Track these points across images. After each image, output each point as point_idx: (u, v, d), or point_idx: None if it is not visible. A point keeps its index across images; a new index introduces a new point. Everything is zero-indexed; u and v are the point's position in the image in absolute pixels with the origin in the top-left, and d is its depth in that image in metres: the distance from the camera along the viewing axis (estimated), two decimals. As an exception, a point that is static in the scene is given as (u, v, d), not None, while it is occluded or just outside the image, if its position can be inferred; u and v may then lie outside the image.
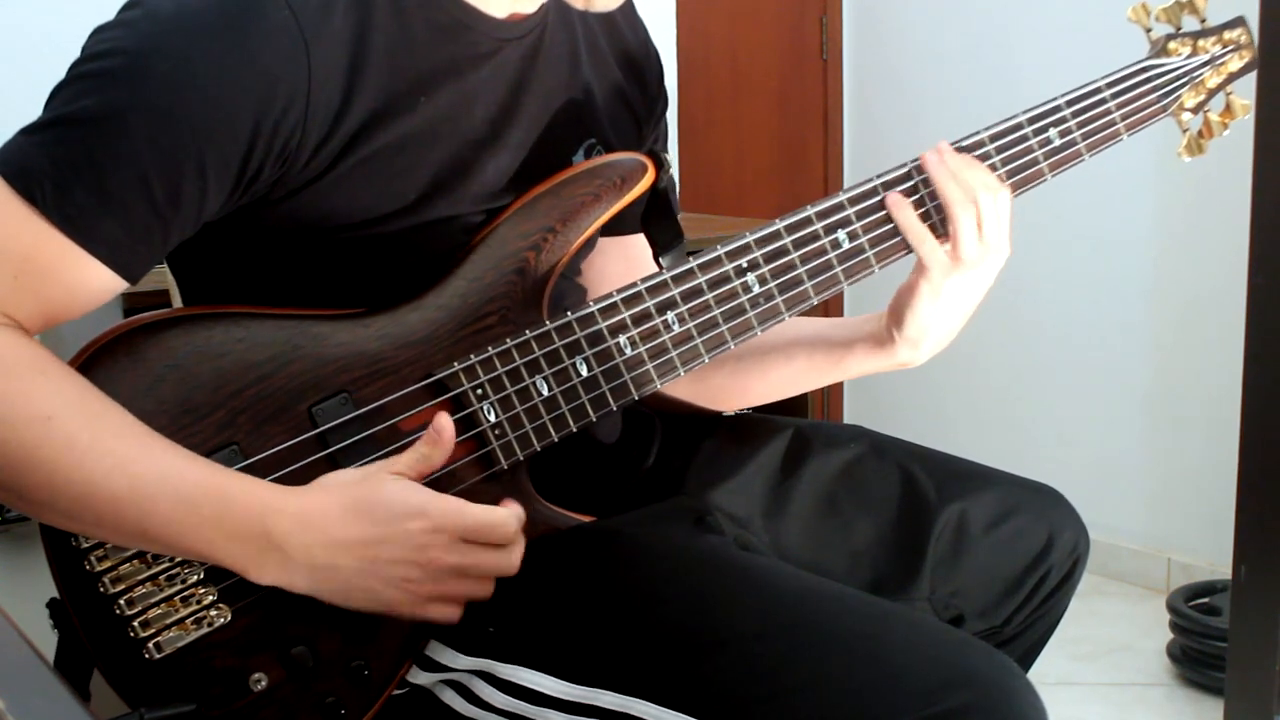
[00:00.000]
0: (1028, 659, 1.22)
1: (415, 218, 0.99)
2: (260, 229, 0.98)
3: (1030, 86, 3.06)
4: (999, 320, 3.30)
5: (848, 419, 3.68)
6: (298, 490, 0.92)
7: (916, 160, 1.11)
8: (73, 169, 0.88)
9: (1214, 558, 2.79)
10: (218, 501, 0.89)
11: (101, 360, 0.92)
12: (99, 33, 0.92)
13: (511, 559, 0.94)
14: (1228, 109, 1.26)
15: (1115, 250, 2.99)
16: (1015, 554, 1.16)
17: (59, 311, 0.92)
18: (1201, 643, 2.41)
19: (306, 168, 0.94)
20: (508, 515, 0.94)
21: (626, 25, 1.18)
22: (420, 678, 0.98)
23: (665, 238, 1.10)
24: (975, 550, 1.16)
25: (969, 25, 3.28)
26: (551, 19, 1.08)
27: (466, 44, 1.01)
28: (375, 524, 0.91)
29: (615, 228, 1.14)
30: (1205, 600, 2.54)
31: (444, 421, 0.96)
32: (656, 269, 1.10)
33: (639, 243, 1.16)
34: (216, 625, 0.93)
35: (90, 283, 0.91)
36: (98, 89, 0.89)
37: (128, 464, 0.87)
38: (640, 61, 1.19)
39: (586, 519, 1.03)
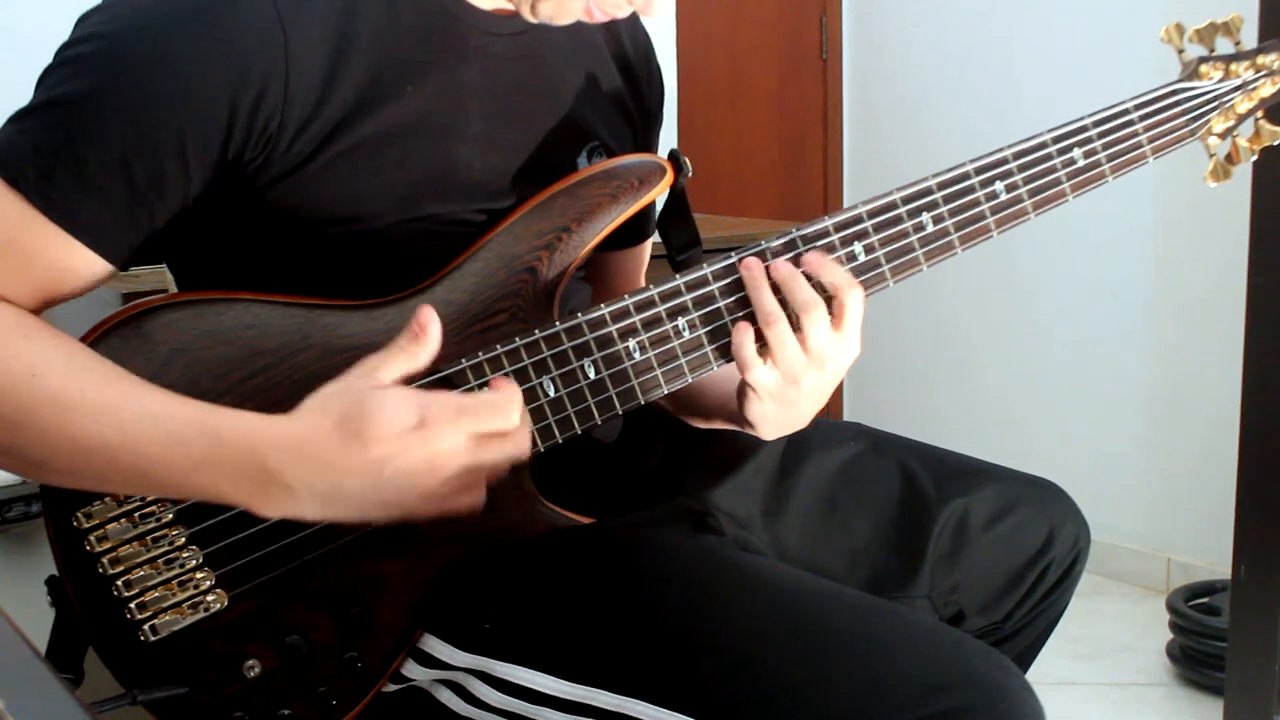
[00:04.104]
0: (1029, 655, 1.22)
1: (404, 213, 0.99)
2: (253, 221, 0.98)
3: (1029, 87, 3.09)
4: (999, 320, 3.30)
5: (847, 417, 3.68)
6: (287, 418, 0.88)
7: (936, 175, 1.08)
8: (54, 153, 0.89)
9: (1214, 558, 2.79)
10: (208, 439, 0.87)
11: (109, 341, 0.92)
12: (83, 19, 0.93)
13: (521, 443, 0.90)
14: (1257, 134, 1.23)
15: (1115, 250, 2.99)
16: (1016, 549, 1.16)
17: (48, 292, 0.93)
18: (1201, 643, 2.41)
19: (290, 151, 0.94)
20: (506, 400, 0.90)
21: (628, 35, 1.18)
22: (417, 673, 0.98)
23: (682, 240, 1.10)
24: (975, 546, 1.16)
25: (968, 25, 3.28)
26: None
27: (455, 35, 1.01)
28: (373, 443, 0.85)
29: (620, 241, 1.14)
30: (1205, 600, 2.54)
31: (426, 315, 0.90)
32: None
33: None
34: (213, 610, 0.94)
35: (75, 266, 0.92)
36: (76, 73, 0.90)
37: (117, 410, 0.87)
38: (639, 72, 1.19)
39: (587, 520, 1.03)
